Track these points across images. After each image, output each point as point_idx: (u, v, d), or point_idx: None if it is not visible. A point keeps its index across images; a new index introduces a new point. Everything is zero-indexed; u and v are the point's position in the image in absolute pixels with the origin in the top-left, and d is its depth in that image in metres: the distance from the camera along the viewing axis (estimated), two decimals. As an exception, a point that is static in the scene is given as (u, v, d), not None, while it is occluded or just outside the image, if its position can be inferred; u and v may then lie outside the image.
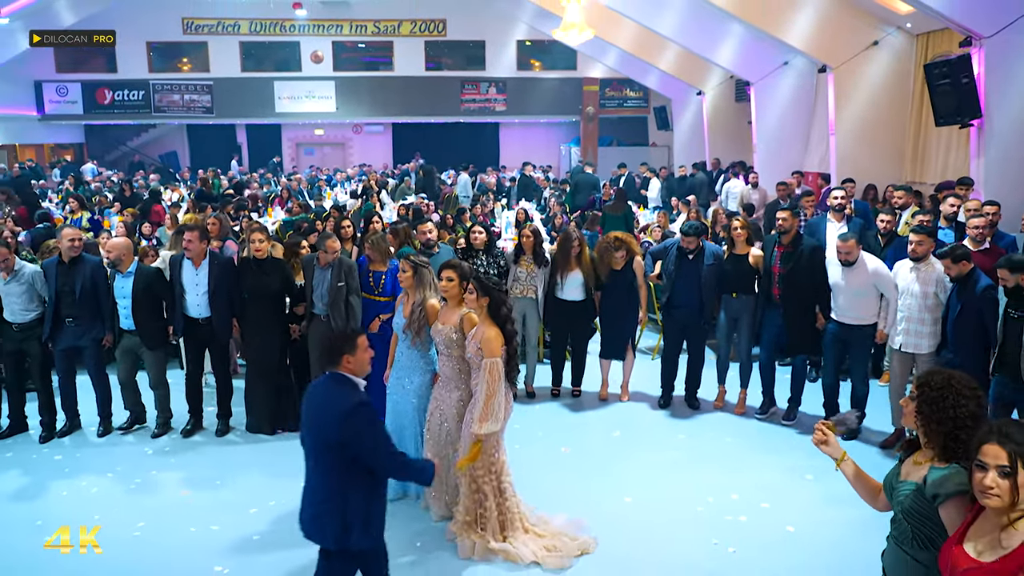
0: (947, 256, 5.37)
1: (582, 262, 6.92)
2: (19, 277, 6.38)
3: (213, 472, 5.78)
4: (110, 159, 26.60)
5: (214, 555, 4.61)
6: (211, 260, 6.41)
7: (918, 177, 11.48)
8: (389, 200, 15.87)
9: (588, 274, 6.90)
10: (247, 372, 6.70)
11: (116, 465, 5.92)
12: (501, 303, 4.55)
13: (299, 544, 4.66)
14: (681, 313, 6.75)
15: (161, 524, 4.98)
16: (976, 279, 5.32)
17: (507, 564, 4.43)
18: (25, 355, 6.48)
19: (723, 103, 18.54)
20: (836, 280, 6.09)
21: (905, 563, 2.61)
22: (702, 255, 6.66)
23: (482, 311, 4.57)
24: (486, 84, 24.75)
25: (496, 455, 4.57)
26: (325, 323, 6.25)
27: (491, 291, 4.56)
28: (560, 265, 6.98)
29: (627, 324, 7.02)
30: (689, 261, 6.67)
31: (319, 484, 3.36)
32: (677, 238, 6.91)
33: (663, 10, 14.88)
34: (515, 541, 4.50)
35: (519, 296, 7.06)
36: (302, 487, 3.44)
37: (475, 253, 7.32)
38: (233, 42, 24.27)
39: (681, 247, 6.71)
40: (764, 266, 6.53)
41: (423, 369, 5.07)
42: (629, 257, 6.93)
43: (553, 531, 4.58)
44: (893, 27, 11.46)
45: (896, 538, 2.67)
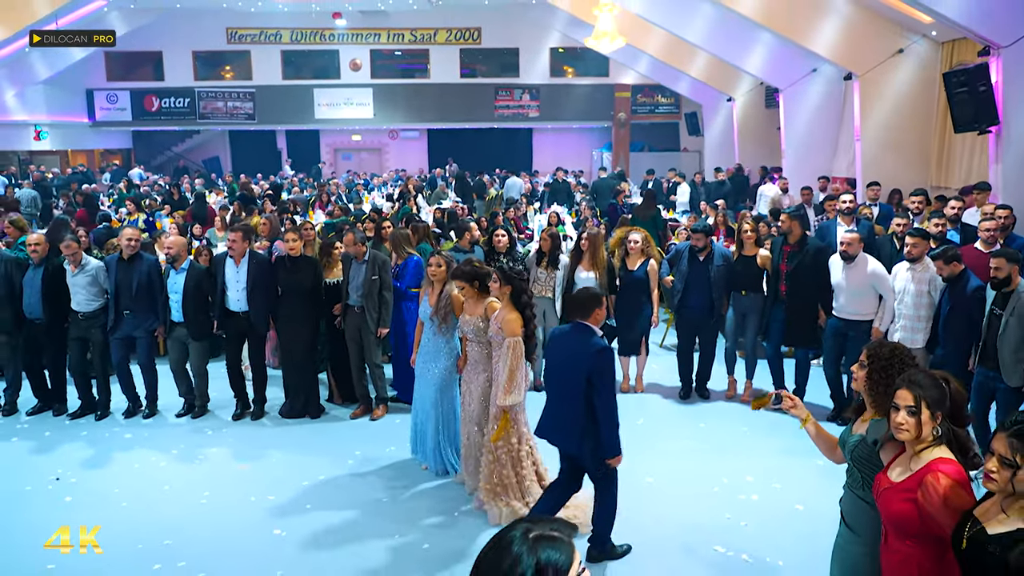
0: (939, 258, 5.69)
1: (596, 261, 7.31)
2: (85, 270, 6.96)
3: (261, 450, 6.29)
4: (156, 164, 27.56)
5: (273, 520, 5.11)
6: (250, 258, 6.96)
7: (943, 182, 11.68)
8: (425, 204, 16.38)
9: (601, 273, 7.29)
10: (282, 362, 7.23)
11: (179, 443, 6.47)
12: (522, 291, 5.03)
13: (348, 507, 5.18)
14: (693, 312, 7.18)
15: (224, 494, 5.50)
16: (967, 280, 5.64)
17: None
18: (88, 342, 7.07)
19: (753, 109, 18.81)
20: (838, 279, 6.46)
21: (856, 504, 3.05)
22: (711, 256, 7.09)
23: (504, 297, 5.04)
24: (520, 90, 25.24)
25: (516, 427, 5.01)
26: (359, 314, 6.77)
27: (512, 280, 5.03)
28: (574, 262, 7.42)
29: (641, 322, 7.40)
30: (699, 262, 7.11)
31: (565, 406, 4.37)
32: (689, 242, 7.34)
33: (692, 19, 15.22)
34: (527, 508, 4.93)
35: (539, 295, 7.41)
36: (543, 409, 4.55)
37: (497, 255, 7.77)
38: (275, 51, 25.07)
39: (692, 248, 7.13)
40: (772, 265, 6.96)
41: (447, 354, 5.59)
42: (645, 257, 7.34)
43: (576, 503, 5.00)
44: (918, 35, 11.69)
45: (850, 484, 3.10)
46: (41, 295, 6.94)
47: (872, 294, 6.34)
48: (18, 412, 7.20)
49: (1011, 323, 5.13)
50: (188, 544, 4.79)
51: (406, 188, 16.43)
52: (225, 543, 4.83)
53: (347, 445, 6.30)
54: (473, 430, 5.29)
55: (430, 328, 5.60)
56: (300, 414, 7.01)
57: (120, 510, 5.27)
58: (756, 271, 7.05)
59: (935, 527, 2.55)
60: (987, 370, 5.39)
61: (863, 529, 3.01)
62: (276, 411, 7.08)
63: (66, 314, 7.03)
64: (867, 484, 2.97)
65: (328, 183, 19.35)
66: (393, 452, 6.09)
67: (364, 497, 5.41)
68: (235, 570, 4.54)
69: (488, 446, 5.02)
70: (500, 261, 7.61)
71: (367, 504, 5.31)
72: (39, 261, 7.01)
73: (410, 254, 7.18)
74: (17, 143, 23.43)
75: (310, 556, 4.67)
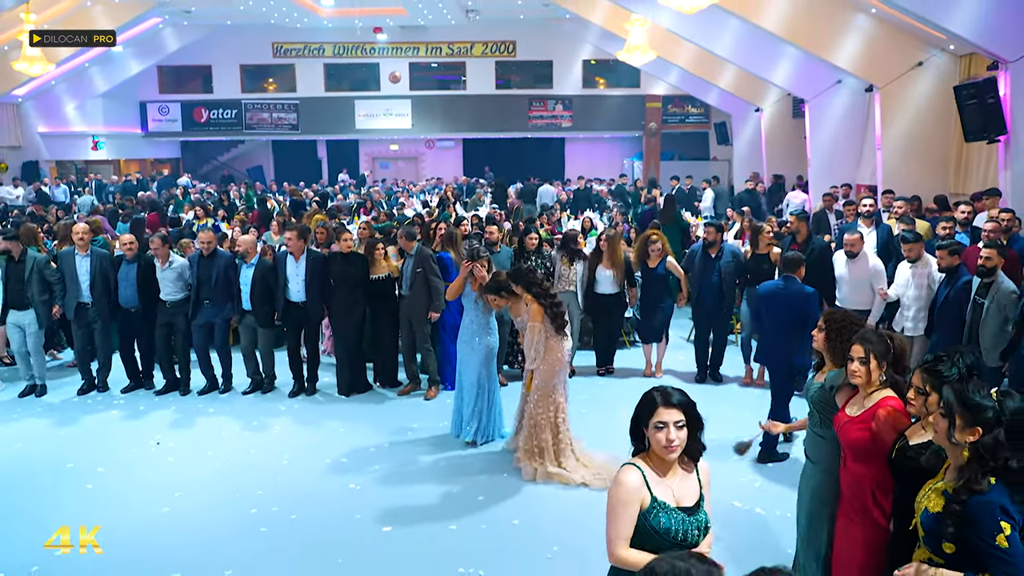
0: (945, 248, 6.36)
1: (615, 260, 8.08)
2: (172, 266, 7.89)
3: (325, 422, 7.16)
4: (202, 173, 28.76)
5: (347, 476, 5.94)
6: (308, 255, 7.87)
7: (960, 189, 12.21)
8: (463, 210, 17.18)
9: (619, 271, 8.07)
10: (335, 346, 8.12)
11: (255, 415, 7.37)
12: (530, 283, 5.93)
13: (409, 465, 6.02)
14: (707, 305, 7.95)
15: (300, 456, 6.35)
16: (960, 274, 6.29)
17: (561, 485, 5.66)
18: (173, 328, 7.96)
19: (780, 119, 19.38)
20: (841, 272, 7.18)
21: (815, 440, 3.82)
22: (722, 253, 7.87)
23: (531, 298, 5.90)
24: (553, 101, 26.03)
25: (554, 397, 5.82)
26: (409, 300, 7.74)
27: (531, 287, 5.94)
28: (595, 260, 8.18)
29: (661, 313, 8.18)
30: (711, 259, 7.87)
31: (777, 336, 6.27)
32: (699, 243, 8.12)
33: (721, 33, 15.86)
34: (568, 467, 5.73)
35: (564, 291, 8.16)
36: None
37: (527, 254, 8.53)
38: (318, 64, 26.14)
39: (704, 243, 7.91)
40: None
41: (488, 331, 6.48)
42: (663, 255, 8.08)
43: (599, 463, 5.78)
44: (937, 49, 12.25)
45: (811, 425, 3.88)
46: (136, 287, 7.87)
47: (870, 287, 7.04)
48: (110, 389, 8.10)
49: (991, 310, 5.78)
50: (277, 494, 5.63)
51: (445, 195, 17.25)
52: (308, 493, 5.66)
53: (403, 419, 7.13)
54: (520, 402, 6.08)
55: (474, 310, 6.42)
56: (349, 391, 7.89)
57: (216, 469, 6.14)
58: (769, 266, 7.78)
59: (883, 447, 3.28)
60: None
61: (821, 459, 3.76)
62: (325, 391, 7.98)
63: (155, 303, 7.95)
64: (824, 423, 3.72)
65: (370, 190, 20.30)
66: (444, 426, 6.87)
67: (422, 459, 6.22)
68: (320, 514, 5.34)
69: (530, 412, 5.79)
70: (531, 259, 8.40)
71: (425, 465, 6.12)
72: (132, 257, 7.92)
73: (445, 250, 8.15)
74: (75, 153, 24.76)
75: (381, 503, 5.47)
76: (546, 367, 5.79)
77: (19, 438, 6.89)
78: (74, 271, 7.93)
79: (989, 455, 2.55)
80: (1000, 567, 2.46)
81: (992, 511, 2.48)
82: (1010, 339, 5.72)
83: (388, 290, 7.98)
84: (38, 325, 7.96)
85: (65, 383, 8.38)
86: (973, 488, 2.53)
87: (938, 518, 2.61)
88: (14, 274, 7.92)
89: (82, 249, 7.98)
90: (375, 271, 7.98)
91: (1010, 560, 2.45)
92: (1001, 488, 2.54)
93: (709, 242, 7.96)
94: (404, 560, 4.75)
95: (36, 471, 6.10)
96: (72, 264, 7.94)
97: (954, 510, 2.55)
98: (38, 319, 7.93)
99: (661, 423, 2.63)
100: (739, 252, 8.07)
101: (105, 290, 7.92)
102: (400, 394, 7.84)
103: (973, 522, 2.50)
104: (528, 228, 8.93)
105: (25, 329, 7.95)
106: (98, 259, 8.00)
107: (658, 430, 2.62)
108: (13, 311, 7.93)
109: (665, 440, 2.61)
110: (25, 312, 7.92)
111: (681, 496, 2.66)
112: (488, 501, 5.48)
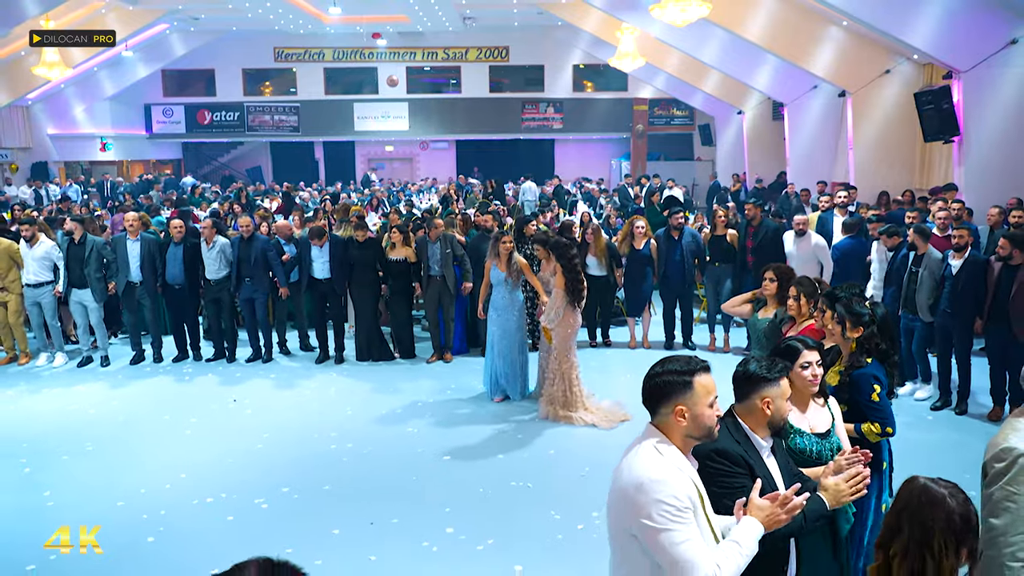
0: (884, 232, 7.63)
1: (598, 248, 9.21)
2: (215, 246, 8.88)
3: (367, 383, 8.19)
4: (202, 173, 29.54)
5: (405, 423, 7.02)
6: (331, 240, 8.96)
7: (924, 184, 13.37)
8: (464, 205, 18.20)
9: (601, 256, 9.20)
10: (355, 318, 9.17)
11: (311, 376, 8.48)
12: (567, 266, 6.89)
13: (458, 410, 7.23)
14: (673, 282, 9.08)
15: (363, 409, 7.37)
16: (900, 251, 7.44)
17: (570, 426, 6.76)
18: (220, 303, 8.95)
19: (761, 122, 20.52)
20: (790, 248, 8.37)
21: None
22: (683, 236, 9.04)
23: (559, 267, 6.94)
24: (545, 104, 27.10)
25: (569, 356, 6.91)
26: (440, 281, 8.74)
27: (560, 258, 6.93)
28: (583, 250, 9.29)
29: (644, 290, 9.27)
30: (675, 240, 9.01)
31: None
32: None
33: (706, 42, 16.97)
34: (576, 413, 6.83)
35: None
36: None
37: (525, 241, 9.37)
38: (318, 68, 27.07)
39: (668, 228, 9.08)
40: (740, 242, 8.93)
41: (517, 305, 7.49)
42: (647, 237, 9.21)
43: (605, 409, 6.88)
44: (902, 58, 13.40)
45: (758, 349, 5.04)
46: (182, 265, 8.84)
47: (815, 261, 8.25)
48: (163, 360, 9.07)
49: (924, 277, 6.94)
50: (349, 435, 6.68)
51: (448, 193, 18.25)
52: (374, 435, 6.73)
53: (441, 381, 8.20)
54: (542, 355, 7.23)
55: (504, 288, 7.40)
56: (367, 356, 8.99)
57: (290, 418, 7.15)
58: (726, 247, 9.07)
59: None
60: (908, 313, 7.20)
61: None
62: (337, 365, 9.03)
63: (200, 281, 8.95)
64: (771, 346, 4.73)
65: (374, 191, 21.28)
66: (476, 386, 7.91)
67: (464, 410, 7.31)
68: (388, 451, 6.37)
69: (550, 369, 6.88)
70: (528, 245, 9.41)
71: (468, 414, 7.21)
72: (179, 240, 8.88)
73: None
74: (82, 154, 25.57)
75: (437, 441, 6.51)
76: (561, 331, 6.84)
77: (115, 399, 7.87)
78: (125, 254, 8.89)
79: (867, 343, 3.78)
80: (874, 415, 3.65)
81: (868, 379, 3.66)
82: (935, 295, 6.93)
83: (405, 271, 9.00)
84: (95, 301, 8.91)
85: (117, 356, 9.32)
86: (856, 365, 3.73)
87: (837, 388, 3.73)
88: (75, 255, 8.85)
89: (132, 234, 8.93)
90: (395, 254, 8.99)
91: (880, 409, 3.64)
92: (876, 364, 3.76)
93: (674, 226, 9.09)
94: (466, 477, 5.80)
95: (141, 423, 7.08)
96: (124, 247, 8.91)
97: (845, 381, 3.73)
98: (95, 295, 8.88)
99: (807, 363, 3.22)
100: (698, 235, 9.35)
101: (152, 271, 8.88)
102: (428, 361, 8.90)
103: (856, 387, 3.69)
104: (528, 218, 9.96)
105: (87, 306, 8.90)
106: (146, 243, 8.94)
107: (804, 369, 3.21)
108: (75, 290, 8.86)
109: (811, 376, 3.23)
110: (84, 291, 8.86)
111: (815, 424, 3.36)
112: (526, 439, 6.56)
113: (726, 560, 2.28)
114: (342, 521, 5.11)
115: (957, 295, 6.76)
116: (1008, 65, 10.25)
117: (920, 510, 2.14)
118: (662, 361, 2.50)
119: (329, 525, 5.06)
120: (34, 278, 8.79)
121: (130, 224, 8.99)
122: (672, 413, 2.40)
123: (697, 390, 2.39)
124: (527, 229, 9.62)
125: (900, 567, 2.14)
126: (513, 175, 24.72)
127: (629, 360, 8.83)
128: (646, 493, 2.25)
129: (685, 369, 2.43)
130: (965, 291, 6.72)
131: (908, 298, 7.15)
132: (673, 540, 2.23)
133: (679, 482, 2.28)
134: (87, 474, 5.96)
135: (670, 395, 2.40)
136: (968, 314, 6.77)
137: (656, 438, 2.40)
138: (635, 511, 2.26)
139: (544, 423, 6.87)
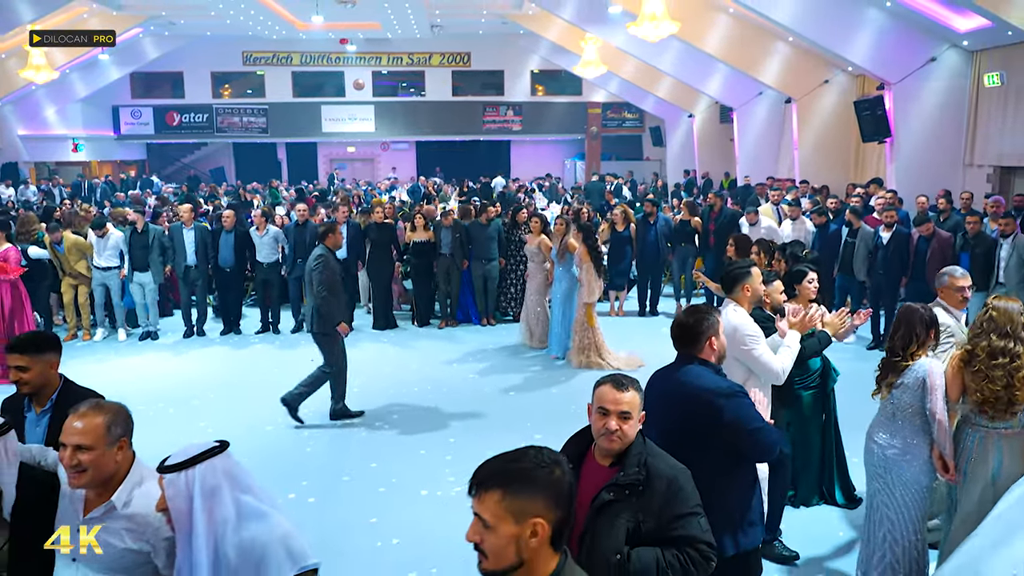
0: (815, 212, 9.81)
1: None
2: (269, 233, 10.17)
3: (423, 345, 9.67)
4: (166, 173, 29.98)
5: (463, 371, 8.53)
6: (348, 225, 10.31)
7: (859, 179, 15.30)
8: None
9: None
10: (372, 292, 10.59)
11: (364, 342, 9.78)
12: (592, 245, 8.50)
13: (496, 359, 8.65)
14: (646, 257, 10.82)
15: (424, 364, 8.82)
16: (829, 227, 9.54)
17: (598, 370, 8.23)
18: (269, 283, 10.19)
19: (710, 124, 22.41)
20: (745, 232, 10.02)
21: None
22: (656, 220, 10.77)
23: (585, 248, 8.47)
24: (505, 107, 28.57)
25: (594, 315, 8.47)
26: (449, 259, 10.30)
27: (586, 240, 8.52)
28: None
29: (623, 266, 10.94)
30: (650, 224, 10.74)
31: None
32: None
33: (664, 51, 18.69)
34: (602, 360, 8.37)
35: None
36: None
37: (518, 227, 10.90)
38: (286, 72, 27.97)
39: (644, 214, 10.80)
40: (703, 227, 10.74)
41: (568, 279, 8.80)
42: (628, 222, 10.85)
43: (624, 357, 8.47)
44: (839, 69, 15.35)
45: None
46: (233, 251, 10.05)
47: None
48: (206, 335, 10.25)
49: (858, 246, 8.86)
50: (417, 381, 8.11)
51: (428, 191, 19.60)
52: (441, 380, 8.18)
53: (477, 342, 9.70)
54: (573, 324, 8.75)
55: (558, 264, 8.85)
56: (384, 326, 10.41)
57: (359, 375, 8.08)
58: (691, 230, 10.89)
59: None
60: (844, 275, 9.17)
61: None
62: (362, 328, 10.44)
63: (247, 264, 10.21)
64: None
65: (350, 191, 22.40)
66: (510, 344, 9.50)
67: (509, 362, 8.87)
68: (454, 394, 7.74)
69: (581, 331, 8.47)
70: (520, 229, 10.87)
71: (515, 365, 8.76)
72: (230, 228, 10.08)
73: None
74: (52, 155, 25.93)
75: (495, 383, 8.05)
76: (589, 295, 8.43)
77: (186, 363, 9.11)
78: (182, 240, 10.07)
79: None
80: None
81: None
82: (869, 261, 8.80)
83: (427, 250, 10.38)
84: (154, 282, 10.05)
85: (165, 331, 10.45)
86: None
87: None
88: (137, 242, 9.96)
89: (187, 224, 10.12)
90: (417, 236, 10.37)
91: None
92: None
93: (647, 212, 10.86)
94: (529, 411, 7.24)
95: (227, 383, 8.31)
96: (180, 235, 10.08)
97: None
98: (155, 278, 10.03)
99: (811, 279, 4.92)
100: (670, 220, 11.26)
101: (204, 255, 10.08)
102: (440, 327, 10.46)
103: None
104: (518, 207, 11.48)
105: (145, 287, 10.02)
106: (200, 231, 10.14)
107: (809, 283, 4.91)
108: (136, 273, 9.98)
109: (813, 287, 4.91)
110: (144, 273, 9.99)
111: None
112: (567, 378, 8.22)
113: (784, 358, 4.01)
114: (426, 443, 6.50)
115: (888, 260, 8.64)
116: (929, 79, 12.24)
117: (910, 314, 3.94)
118: (731, 263, 4.49)
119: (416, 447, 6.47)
120: (105, 263, 9.89)
121: (185, 214, 10.21)
122: (742, 289, 4.08)
123: (754, 274, 4.13)
124: (519, 216, 11.15)
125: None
126: (471, 174, 26.02)
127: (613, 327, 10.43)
128: (739, 331, 3.89)
129: (747, 264, 4.23)
130: (893, 257, 8.64)
131: (845, 262, 9.03)
132: (759, 353, 3.90)
133: (752, 324, 3.98)
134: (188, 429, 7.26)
135: (741, 279, 4.11)
136: (895, 274, 8.68)
137: (733, 305, 4.09)
138: (736, 342, 3.85)
139: (578, 370, 8.38)
